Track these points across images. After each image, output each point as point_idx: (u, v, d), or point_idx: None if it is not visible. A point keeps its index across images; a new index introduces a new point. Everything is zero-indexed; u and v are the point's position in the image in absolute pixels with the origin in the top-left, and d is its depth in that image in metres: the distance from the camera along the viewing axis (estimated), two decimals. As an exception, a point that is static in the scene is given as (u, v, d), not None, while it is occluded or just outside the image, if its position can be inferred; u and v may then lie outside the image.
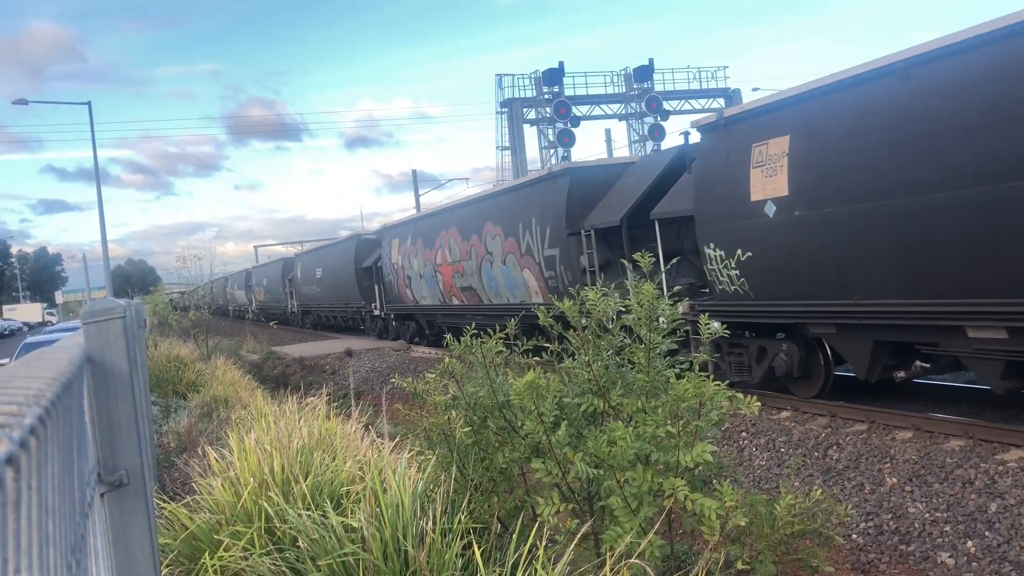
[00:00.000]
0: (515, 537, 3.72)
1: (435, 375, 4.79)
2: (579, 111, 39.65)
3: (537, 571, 3.35)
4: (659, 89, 40.36)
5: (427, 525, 3.74)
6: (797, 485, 8.32)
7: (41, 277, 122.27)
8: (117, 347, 2.30)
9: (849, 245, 9.14)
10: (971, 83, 7.72)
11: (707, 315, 4.35)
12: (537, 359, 4.64)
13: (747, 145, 10.38)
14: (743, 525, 3.51)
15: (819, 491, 4.15)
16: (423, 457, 4.71)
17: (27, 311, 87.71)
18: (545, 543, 3.47)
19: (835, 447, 9.08)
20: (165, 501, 4.78)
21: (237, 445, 5.17)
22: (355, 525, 3.84)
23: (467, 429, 4.42)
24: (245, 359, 23.77)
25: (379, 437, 5.70)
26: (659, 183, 13.24)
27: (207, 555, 4.06)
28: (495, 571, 3.62)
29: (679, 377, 3.79)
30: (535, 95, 38.77)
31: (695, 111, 40.71)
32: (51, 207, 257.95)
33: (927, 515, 7.25)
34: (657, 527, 3.50)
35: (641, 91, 40.12)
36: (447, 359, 4.76)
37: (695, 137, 12.23)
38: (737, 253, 10.66)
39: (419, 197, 50.21)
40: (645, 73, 40.06)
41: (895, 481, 7.96)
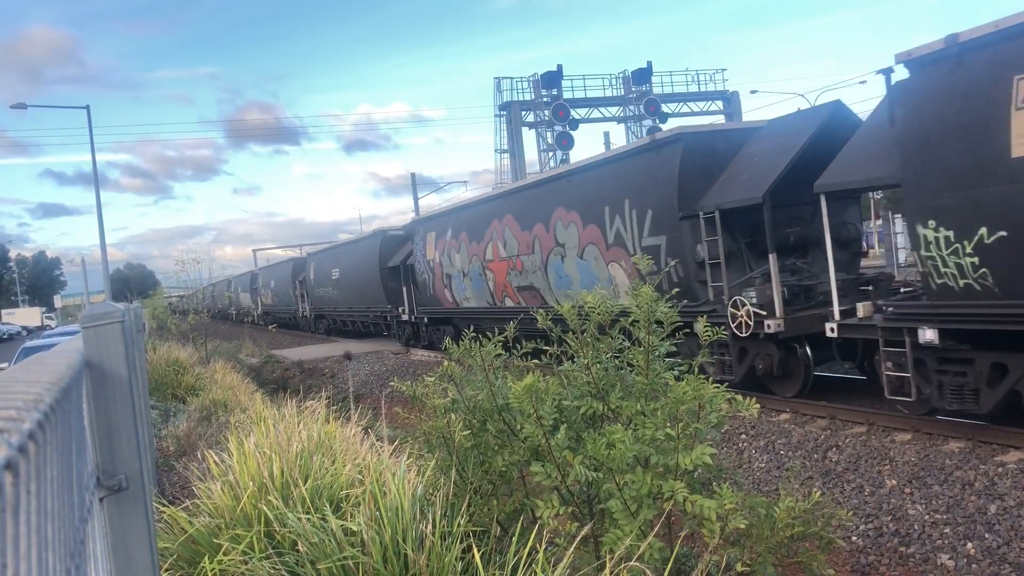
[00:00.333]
0: (515, 540, 3.71)
1: (434, 378, 4.79)
2: (578, 114, 39.71)
3: (537, 574, 3.35)
4: (657, 92, 40.43)
5: (427, 528, 3.74)
6: (797, 487, 8.32)
7: (40, 281, 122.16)
8: (116, 351, 2.30)
9: None
10: None
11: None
12: (536, 362, 4.64)
13: (1003, 79, 7.46)
14: (743, 527, 3.50)
15: (819, 493, 4.15)
16: (422, 460, 4.71)
17: (26, 315, 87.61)
18: (545, 546, 3.47)
19: (834, 449, 9.08)
20: (164, 505, 4.77)
21: (236, 449, 5.16)
22: (355, 529, 3.84)
23: (466, 432, 4.42)
24: (244, 363, 23.76)
25: (378, 440, 5.70)
26: (809, 150, 10.78)
27: (206, 559, 4.06)
28: (495, 574, 3.62)
29: (678, 379, 3.80)
30: (534, 98, 38.83)
31: (693, 113, 40.84)
32: (50, 211, 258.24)
33: (927, 517, 7.25)
34: (657, 529, 3.50)
35: (639, 94, 40.18)
36: (446, 362, 4.76)
37: (901, 75, 8.83)
38: (979, 233, 7.77)
39: (418, 200, 50.25)
40: (643, 76, 40.13)
41: (895, 483, 7.96)
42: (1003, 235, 7.60)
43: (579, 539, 3.56)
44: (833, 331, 10.08)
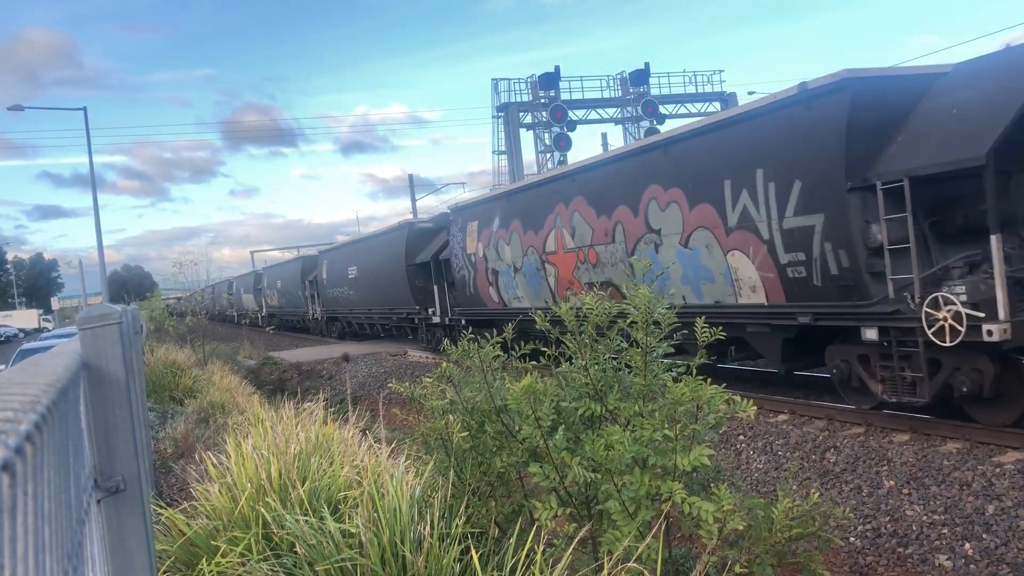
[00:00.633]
0: (513, 541, 3.71)
1: (432, 380, 4.79)
2: (575, 115, 39.77)
3: (535, 575, 3.35)
4: (655, 93, 40.49)
5: (425, 530, 3.74)
6: (795, 488, 8.33)
7: (37, 283, 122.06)
8: (113, 353, 2.30)
9: None
10: None
11: (703, 318, 4.23)
12: (534, 363, 4.64)
13: None
14: (741, 528, 3.50)
15: (817, 494, 4.15)
16: (420, 462, 4.71)
17: (23, 317, 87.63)
18: (543, 547, 3.47)
19: (832, 450, 9.09)
20: (162, 507, 4.77)
21: (234, 450, 5.16)
22: (352, 530, 3.84)
23: (464, 434, 4.42)
24: (242, 364, 23.77)
25: (376, 442, 5.69)
26: None
27: (204, 561, 4.05)
28: (493, 575, 3.62)
29: (676, 381, 3.80)
30: (531, 99, 38.88)
31: (691, 115, 40.90)
32: (47, 213, 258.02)
33: (925, 518, 7.26)
34: (655, 531, 3.50)
35: (637, 95, 40.25)
36: (444, 364, 4.76)
37: None
38: None
39: (415, 201, 50.26)
40: (641, 77, 40.19)
41: (893, 484, 7.97)
42: None
43: (577, 540, 3.56)
44: None
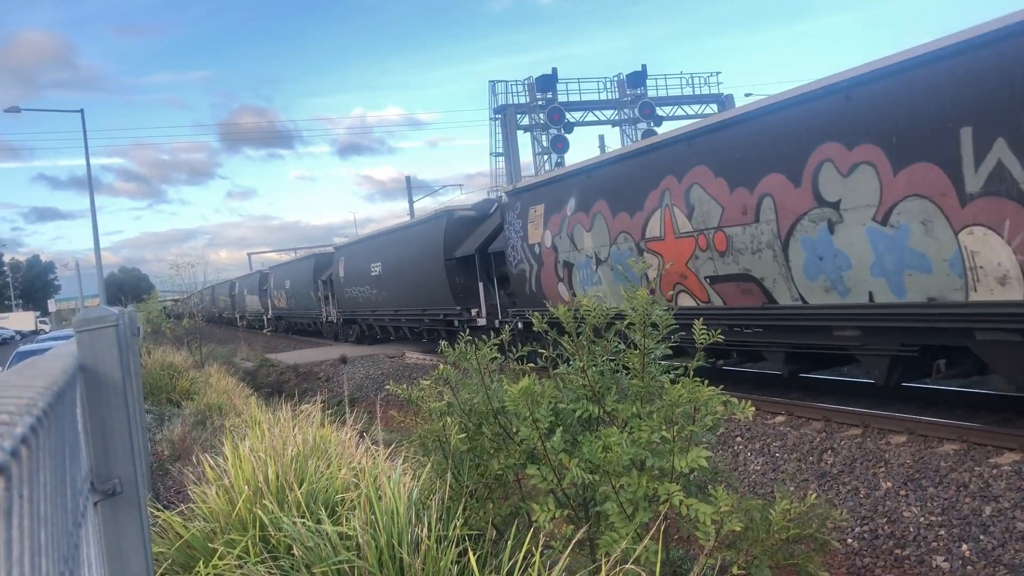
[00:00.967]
0: (510, 543, 3.71)
1: (430, 382, 4.79)
2: (572, 117, 39.84)
3: (533, 577, 3.34)
4: (652, 95, 40.58)
5: (422, 532, 3.74)
6: (792, 490, 8.33)
7: (34, 285, 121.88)
8: (110, 355, 2.30)
9: None
10: None
11: (700, 319, 4.22)
12: (532, 365, 4.64)
13: None
14: (738, 530, 3.50)
15: (814, 496, 4.15)
16: (418, 464, 4.70)
17: (20, 319, 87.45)
18: (541, 549, 3.47)
19: (830, 451, 9.10)
20: (159, 509, 4.76)
21: (231, 453, 5.15)
22: (350, 532, 3.83)
23: (462, 436, 4.42)
24: (239, 366, 23.74)
25: (374, 444, 5.69)
26: None
27: (202, 564, 4.05)
28: (491, 578, 3.62)
29: (673, 382, 3.80)
30: (528, 101, 38.94)
31: (688, 117, 40.96)
32: (43, 215, 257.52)
33: (922, 519, 7.26)
34: (653, 532, 3.50)
35: (634, 97, 40.33)
36: (442, 366, 4.76)
37: None
38: None
39: (413, 203, 50.26)
40: (638, 79, 40.27)
41: (890, 485, 7.98)
42: None
43: (575, 542, 3.56)
44: None
